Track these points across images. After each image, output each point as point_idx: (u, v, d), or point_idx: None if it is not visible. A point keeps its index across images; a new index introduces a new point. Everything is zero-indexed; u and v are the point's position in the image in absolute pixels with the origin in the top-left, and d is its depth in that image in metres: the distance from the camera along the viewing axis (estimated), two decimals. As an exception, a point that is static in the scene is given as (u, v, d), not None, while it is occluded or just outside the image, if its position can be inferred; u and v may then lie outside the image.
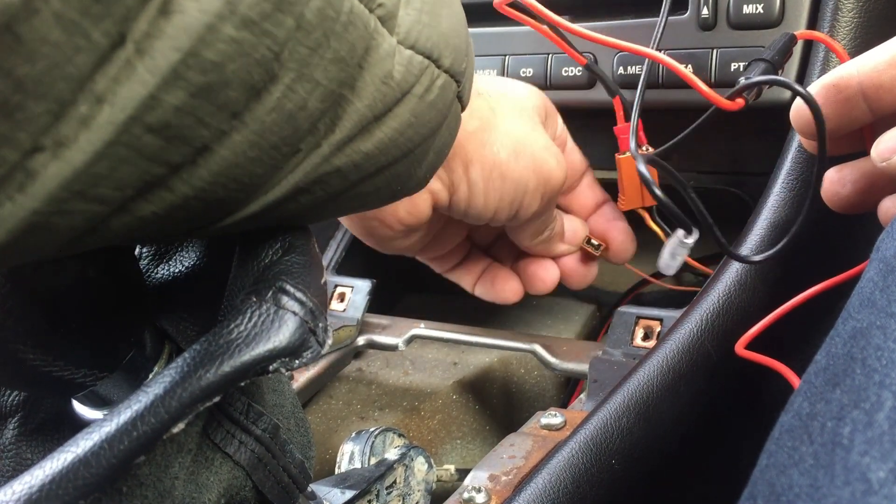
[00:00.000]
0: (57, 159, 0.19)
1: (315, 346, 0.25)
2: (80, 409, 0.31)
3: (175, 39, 0.19)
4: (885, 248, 0.27)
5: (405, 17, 0.25)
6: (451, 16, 0.28)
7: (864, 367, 0.23)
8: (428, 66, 0.26)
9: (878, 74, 0.37)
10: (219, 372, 0.23)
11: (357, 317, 0.59)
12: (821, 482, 0.21)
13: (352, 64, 0.23)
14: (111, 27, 0.18)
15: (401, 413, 0.57)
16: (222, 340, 0.24)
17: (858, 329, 0.25)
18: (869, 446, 0.21)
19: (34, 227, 0.19)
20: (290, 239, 0.28)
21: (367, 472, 0.43)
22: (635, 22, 0.54)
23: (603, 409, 0.43)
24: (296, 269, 0.27)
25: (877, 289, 0.26)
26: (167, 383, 0.23)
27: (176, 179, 0.21)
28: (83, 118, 0.19)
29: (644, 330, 0.51)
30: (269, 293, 0.25)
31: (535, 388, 0.60)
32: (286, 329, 0.25)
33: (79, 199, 0.20)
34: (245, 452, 0.29)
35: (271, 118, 0.22)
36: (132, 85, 0.19)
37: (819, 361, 0.26)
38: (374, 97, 0.24)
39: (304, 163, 0.24)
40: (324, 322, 0.26)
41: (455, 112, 0.30)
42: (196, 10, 0.19)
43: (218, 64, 0.20)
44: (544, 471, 0.40)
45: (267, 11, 0.20)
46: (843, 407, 0.23)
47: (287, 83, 0.22)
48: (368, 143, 0.25)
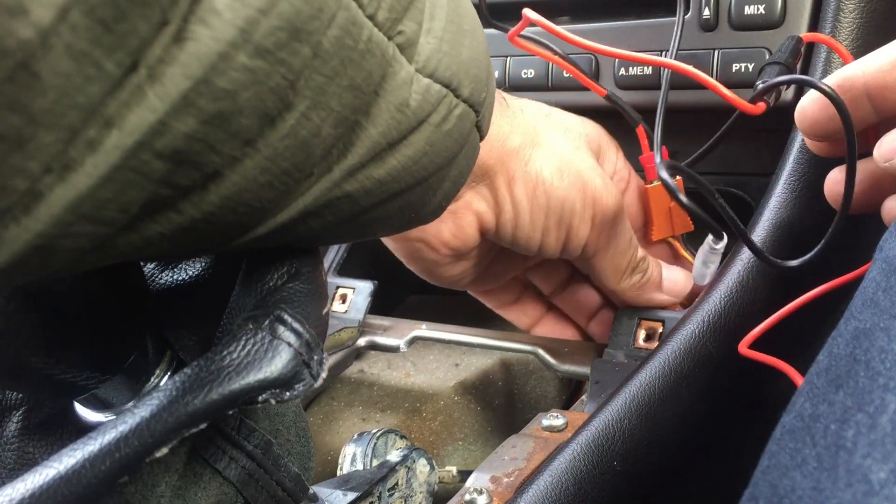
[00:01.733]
0: (63, 182, 0.18)
1: (308, 378, 0.25)
2: (82, 411, 0.31)
3: (187, 67, 0.19)
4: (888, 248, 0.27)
5: (425, 46, 0.25)
6: (473, 45, 0.28)
7: (868, 369, 0.23)
8: (446, 95, 0.26)
9: (883, 75, 0.37)
10: (206, 399, 0.23)
11: (358, 318, 0.59)
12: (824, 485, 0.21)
13: (367, 91, 0.23)
14: (124, 57, 0.18)
15: (402, 415, 0.57)
16: (214, 367, 0.24)
17: (861, 330, 0.25)
18: (871, 448, 0.21)
19: (39, 248, 0.19)
20: (296, 264, 0.27)
21: (369, 473, 0.43)
22: (638, 23, 0.54)
23: (605, 410, 0.43)
24: (297, 297, 0.26)
25: (880, 289, 0.26)
26: (154, 406, 0.23)
27: (185, 202, 0.21)
28: (90, 142, 0.18)
29: (646, 331, 0.51)
30: (266, 321, 0.25)
31: (536, 390, 0.60)
32: (279, 360, 0.24)
33: (84, 222, 0.19)
34: (235, 469, 0.28)
35: (284, 144, 0.22)
36: (142, 111, 0.19)
37: (821, 362, 0.26)
38: (388, 124, 0.24)
39: (315, 187, 0.24)
40: (319, 355, 0.25)
41: (473, 141, 0.30)
42: (209, 37, 0.19)
43: (231, 92, 0.20)
44: (546, 472, 0.40)
45: (283, 41, 0.20)
46: (847, 409, 0.23)
47: (302, 110, 0.21)
48: (381, 169, 0.25)
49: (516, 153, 0.44)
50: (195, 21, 0.18)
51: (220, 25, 0.19)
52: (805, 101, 0.40)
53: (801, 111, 0.40)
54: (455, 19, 0.26)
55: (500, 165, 0.43)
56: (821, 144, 0.42)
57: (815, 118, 0.39)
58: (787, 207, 0.49)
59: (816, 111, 0.39)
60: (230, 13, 0.19)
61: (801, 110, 0.40)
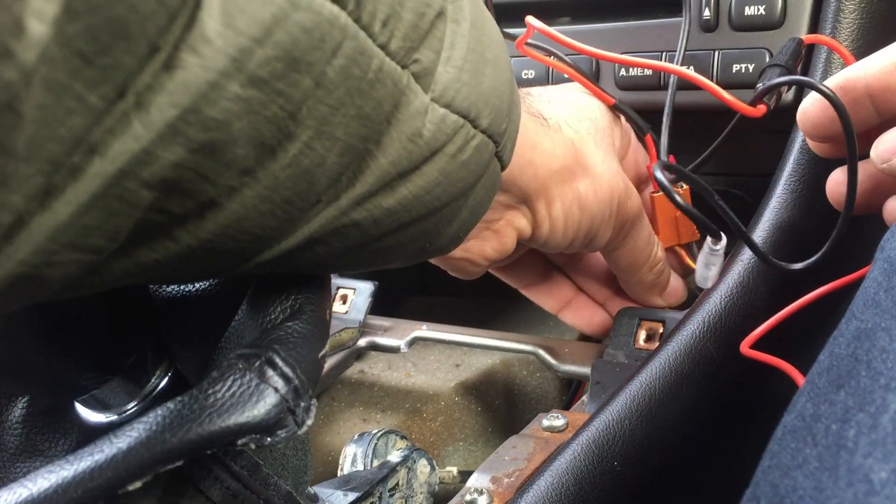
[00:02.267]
0: (43, 210, 0.18)
1: (292, 426, 0.24)
2: (82, 411, 0.31)
3: (174, 95, 0.18)
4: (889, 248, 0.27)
5: (443, 75, 0.24)
6: (496, 74, 0.27)
7: (870, 369, 0.23)
8: (463, 126, 0.25)
9: (885, 76, 0.37)
10: (184, 438, 0.23)
11: (359, 319, 0.59)
12: (825, 484, 0.21)
13: (377, 120, 0.22)
14: (110, 89, 0.17)
15: (403, 415, 0.57)
16: (197, 405, 0.23)
17: (863, 330, 0.25)
18: (873, 448, 0.21)
19: (23, 277, 0.18)
20: (301, 300, 0.27)
21: (369, 474, 0.43)
22: (639, 24, 0.54)
23: (605, 411, 0.43)
24: (293, 339, 0.25)
25: (881, 289, 0.26)
26: (133, 440, 0.23)
27: (180, 230, 0.20)
28: (73, 169, 0.18)
29: (646, 331, 0.51)
30: (257, 362, 0.24)
31: (537, 390, 0.60)
32: (263, 405, 0.23)
33: (69, 250, 0.19)
34: (219, 489, 0.28)
35: (286, 174, 0.21)
36: (126, 139, 0.18)
37: (822, 362, 0.26)
38: (399, 154, 0.23)
39: (321, 215, 0.23)
40: (307, 401, 0.25)
41: (493, 171, 0.29)
42: (198, 66, 0.18)
43: (222, 122, 0.19)
44: (546, 473, 0.40)
45: (279, 71, 0.19)
46: (848, 409, 0.23)
47: (304, 140, 0.21)
48: (391, 199, 0.24)
49: (557, 174, 0.44)
50: (185, 49, 0.18)
51: (211, 54, 0.18)
52: (807, 103, 0.40)
53: (802, 113, 0.41)
54: (477, 48, 0.25)
55: (544, 189, 0.43)
56: (823, 145, 0.42)
57: (816, 120, 0.39)
58: (788, 208, 0.49)
59: (818, 113, 0.39)
60: (221, 41, 0.18)
61: (802, 112, 0.41)
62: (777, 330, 0.42)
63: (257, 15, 0.19)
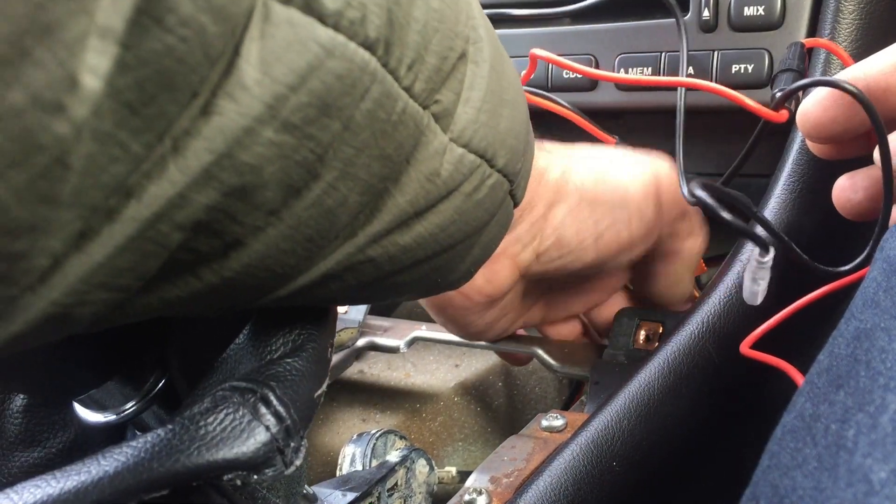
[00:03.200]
0: (79, 252, 0.18)
1: (280, 465, 0.24)
2: (80, 411, 0.31)
3: (210, 141, 0.18)
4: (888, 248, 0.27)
5: (462, 115, 0.24)
6: (513, 115, 0.27)
7: (869, 369, 0.23)
8: (480, 165, 0.25)
9: (886, 77, 0.37)
10: (171, 469, 0.23)
11: (358, 319, 0.59)
12: (825, 484, 0.21)
13: (398, 160, 0.22)
14: (152, 137, 0.17)
15: (402, 415, 0.57)
16: (187, 436, 0.23)
17: (862, 330, 0.25)
18: (872, 448, 0.21)
19: (54, 316, 0.18)
20: (303, 336, 0.27)
21: (368, 474, 0.43)
22: (640, 24, 0.54)
23: (604, 411, 0.43)
24: (291, 376, 0.25)
25: (881, 289, 0.26)
26: (119, 464, 0.23)
27: (204, 269, 0.21)
28: (109, 212, 0.18)
29: (646, 332, 0.51)
30: (251, 398, 0.24)
31: (536, 391, 0.60)
32: (252, 443, 0.23)
33: (100, 290, 0.19)
34: None
35: (309, 214, 0.21)
36: (162, 183, 0.18)
37: (822, 362, 0.26)
38: (417, 193, 0.23)
39: (338, 252, 0.23)
40: (297, 441, 0.25)
41: (507, 208, 0.29)
42: (235, 112, 0.18)
43: (255, 167, 0.19)
44: (545, 473, 0.40)
45: (312, 116, 0.19)
46: (848, 409, 0.23)
47: (329, 181, 0.21)
48: (407, 236, 0.24)
49: (556, 183, 0.43)
50: (223, 96, 0.18)
51: (248, 101, 0.18)
52: (807, 104, 0.40)
53: (802, 114, 0.40)
54: (496, 89, 0.26)
55: (537, 200, 0.42)
56: (823, 147, 0.42)
57: (818, 120, 0.39)
58: (787, 208, 0.49)
59: (819, 113, 0.39)
60: (259, 89, 0.18)
61: (802, 113, 0.40)
62: (777, 330, 0.42)
63: (294, 63, 0.19)
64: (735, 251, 0.49)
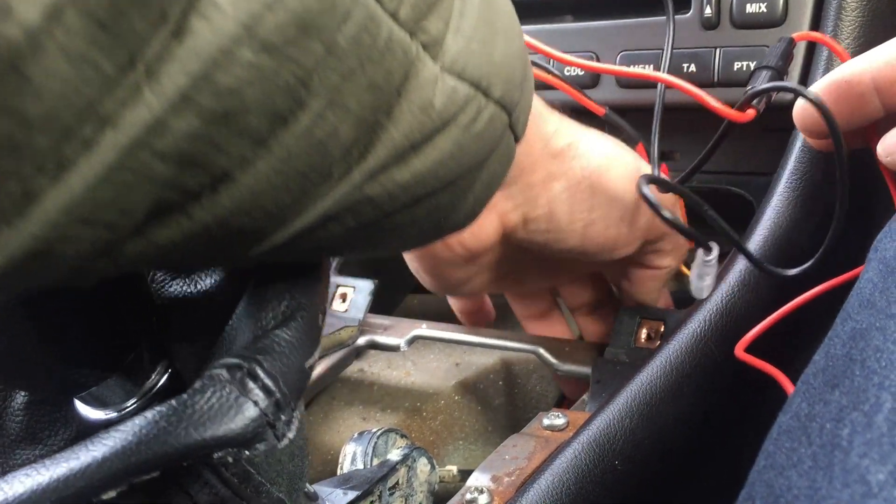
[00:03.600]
0: (57, 182, 0.17)
1: (271, 439, 0.24)
2: (81, 408, 0.31)
3: (185, 63, 0.18)
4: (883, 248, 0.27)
5: (452, 44, 0.23)
6: (507, 44, 0.26)
7: (864, 368, 0.23)
8: (475, 96, 0.25)
9: (892, 69, 0.37)
10: (159, 450, 0.22)
11: (359, 317, 0.59)
12: (819, 484, 0.21)
13: (388, 91, 0.22)
14: (122, 55, 0.17)
15: (403, 414, 0.57)
16: (175, 417, 0.23)
17: (858, 330, 0.25)
18: (868, 448, 0.21)
19: (36, 253, 0.18)
20: (294, 305, 0.26)
21: (369, 473, 0.43)
22: (640, 21, 0.53)
23: (606, 409, 0.43)
24: (280, 347, 0.25)
25: (876, 290, 0.26)
26: (108, 449, 0.23)
27: (195, 206, 0.20)
28: (85, 141, 0.17)
29: (647, 330, 0.51)
30: (238, 374, 0.24)
31: (537, 389, 0.60)
32: (241, 419, 0.23)
33: (83, 225, 0.18)
34: (207, 494, 0.27)
35: (299, 146, 0.21)
36: (138, 109, 0.18)
37: (818, 362, 0.26)
38: (411, 125, 0.23)
39: (334, 191, 0.22)
40: (289, 415, 0.24)
41: (508, 143, 0.28)
42: (209, 32, 0.18)
43: (235, 89, 0.19)
44: (547, 472, 0.40)
45: (291, 37, 0.19)
46: (842, 408, 0.23)
47: (317, 110, 0.20)
48: (405, 172, 0.24)
49: (561, 154, 0.42)
50: (195, 16, 0.18)
51: (221, 20, 0.18)
52: (800, 104, 0.40)
53: (798, 112, 0.40)
54: (488, 17, 0.25)
55: (539, 167, 0.41)
56: (822, 141, 0.42)
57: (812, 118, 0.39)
58: (789, 206, 0.48)
59: (811, 113, 0.39)
60: (231, 8, 0.18)
61: (798, 111, 0.40)
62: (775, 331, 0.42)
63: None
64: (736, 251, 0.49)
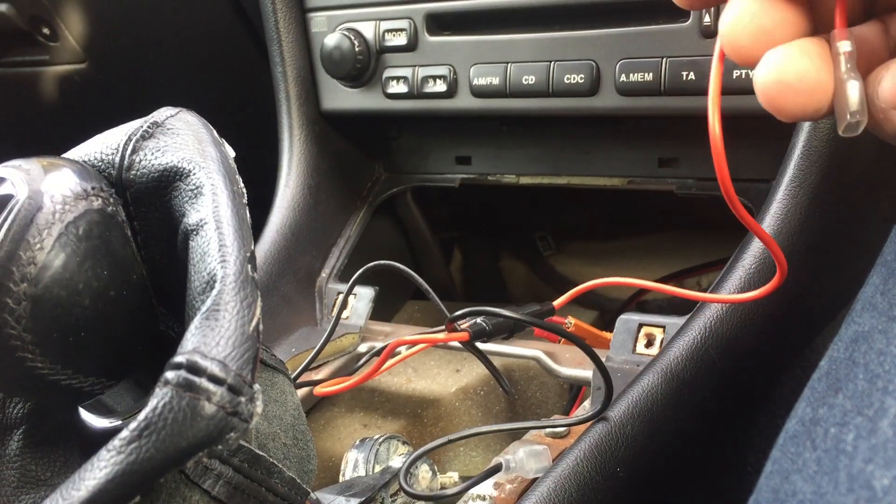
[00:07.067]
0: None
1: (239, 424, 0.23)
2: (87, 416, 0.31)
3: None
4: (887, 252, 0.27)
5: None
6: None
7: (867, 371, 0.23)
8: None
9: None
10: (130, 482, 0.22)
11: (360, 324, 0.59)
12: (825, 489, 0.21)
13: None
14: None
15: (404, 420, 0.57)
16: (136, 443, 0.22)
17: (860, 333, 0.25)
18: (873, 453, 0.21)
19: None
20: (213, 272, 0.25)
21: (371, 479, 0.43)
22: (637, 30, 0.54)
23: (607, 417, 0.43)
24: (214, 325, 0.23)
25: (878, 292, 0.26)
26: (78, 498, 0.22)
27: None
28: None
29: (647, 337, 0.51)
30: (182, 374, 0.22)
31: (537, 396, 0.60)
32: (200, 421, 0.22)
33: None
34: (221, 484, 0.27)
35: None
36: None
37: (822, 367, 0.26)
38: None
39: None
40: (248, 392, 0.23)
41: None
42: None
43: None
44: (549, 478, 0.40)
45: None
46: (847, 413, 0.23)
47: None
48: None
49: None
50: None
51: None
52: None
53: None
54: None
55: None
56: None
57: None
58: (788, 214, 0.49)
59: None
60: None
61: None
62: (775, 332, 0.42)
63: None
64: (736, 255, 0.49)
